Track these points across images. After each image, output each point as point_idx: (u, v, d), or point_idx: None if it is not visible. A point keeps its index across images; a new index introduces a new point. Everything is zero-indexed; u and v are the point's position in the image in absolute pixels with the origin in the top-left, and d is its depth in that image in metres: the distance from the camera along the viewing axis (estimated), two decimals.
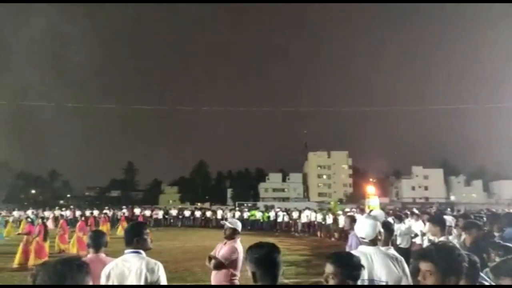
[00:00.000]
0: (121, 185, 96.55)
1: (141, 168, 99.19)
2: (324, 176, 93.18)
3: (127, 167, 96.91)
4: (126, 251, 3.02)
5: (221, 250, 4.51)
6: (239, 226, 4.67)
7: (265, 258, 1.96)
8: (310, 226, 24.45)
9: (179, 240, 18.80)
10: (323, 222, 22.83)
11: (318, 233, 23.13)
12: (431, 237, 5.90)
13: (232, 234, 4.56)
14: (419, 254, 2.04)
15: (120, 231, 20.10)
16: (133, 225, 3.23)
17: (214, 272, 4.43)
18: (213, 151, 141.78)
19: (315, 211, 26.02)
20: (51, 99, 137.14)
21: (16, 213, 30.99)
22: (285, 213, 27.90)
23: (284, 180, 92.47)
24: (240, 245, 4.51)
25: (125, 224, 23.66)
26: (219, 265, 4.35)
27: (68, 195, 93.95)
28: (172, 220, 31.14)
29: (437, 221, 4.76)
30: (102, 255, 3.59)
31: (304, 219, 24.97)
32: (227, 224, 4.67)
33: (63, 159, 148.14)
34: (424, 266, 1.92)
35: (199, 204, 69.69)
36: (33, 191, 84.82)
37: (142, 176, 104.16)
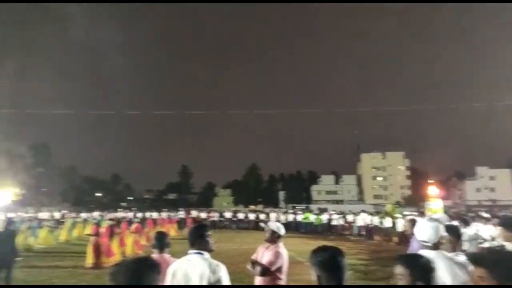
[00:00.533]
0: (177, 188, 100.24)
1: (195, 172, 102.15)
2: (379, 178, 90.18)
3: (182, 170, 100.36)
4: (190, 251, 3.12)
5: (264, 255, 4.36)
6: (281, 229, 4.48)
7: (329, 262, 1.94)
8: (366, 230, 23.73)
9: (234, 242, 19.09)
10: (381, 226, 22.07)
11: (376, 237, 22.39)
12: (504, 243, 5.45)
13: (274, 238, 4.40)
14: (472, 259, 1.92)
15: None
16: (196, 227, 3.34)
17: (259, 278, 4.28)
18: (265, 153, 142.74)
19: (371, 214, 25.24)
20: (111, 107, 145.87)
21: (83, 215, 33.26)
22: (340, 216, 27.35)
23: (337, 182, 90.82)
24: (284, 249, 4.38)
25: (175, 226, 24.45)
26: (265, 272, 4.19)
27: (129, 198, 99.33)
28: (226, 222, 31.75)
29: (510, 225, 4.37)
30: (166, 255, 3.75)
31: (360, 222, 24.29)
32: (269, 228, 4.48)
33: (124, 164, 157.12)
34: (477, 272, 1.81)
35: (252, 206, 70.44)
36: (98, 194, 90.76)
37: (196, 179, 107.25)
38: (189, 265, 3.04)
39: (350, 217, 26.23)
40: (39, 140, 66.46)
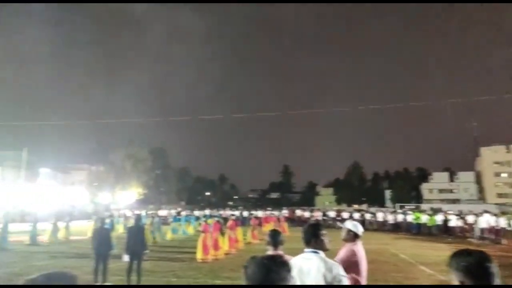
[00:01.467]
0: (280, 187, 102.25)
1: (297, 171, 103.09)
2: (504, 174, 79.31)
3: (284, 170, 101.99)
4: (306, 250, 3.12)
5: (338, 254, 4.19)
6: (358, 228, 4.27)
7: (476, 267, 1.74)
8: (491, 232, 21.10)
9: (339, 242, 18.65)
10: (509, 228, 19.43)
11: (504, 240, 19.77)
12: None
13: (351, 237, 4.21)
14: None
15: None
16: (310, 225, 3.33)
17: None
18: (368, 151, 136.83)
19: (495, 215, 22.39)
20: (219, 112, 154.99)
21: (196, 213, 35.98)
22: (457, 216, 24.83)
23: (451, 179, 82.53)
24: (360, 248, 4.15)
25: (285, 225, 24.83)
26: None
27: (235, 197, 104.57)
28: (330, 222, 31.27)
29: None
30: (280, 252, 3.81)
31: (483, 224, 21.69)
32: (346, 227, 4.31)
33: (230, 165, 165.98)
34: None
35: (355, 205, 68.18)
36: (207, 193, 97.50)
37: (297, 179, 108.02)
38: (305, 263, 3.05)
39: (470, 218, 23.65)
40: (157, 145, 74.06)
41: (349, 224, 4.37)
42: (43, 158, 42.75)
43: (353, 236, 4.23)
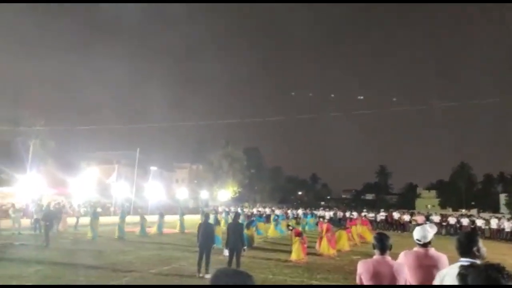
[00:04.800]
0: (375, 188, 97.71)
1: (394, 172, 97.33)
2: None
3: (380, 170, 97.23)
4: (461, 259, 2.89)
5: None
6: (425, 234, 3.90)
7: None
8: None
9: (448, 250, 17.09)
10: None
11: None
12: None
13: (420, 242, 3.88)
14: None
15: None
16: (469, 234, 3.10)
17: None
18: (477, 150, 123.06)
19: None
20: (301, 111, 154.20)
21: (289, 212, 36.22)
22: None
23: None
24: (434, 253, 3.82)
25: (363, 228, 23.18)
26: None
27: (328, 197, 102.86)
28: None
29: None
30: (388, 257, 3.61)
31: None
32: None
33: (322, 164, 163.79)
34: None
35: (463, 210, 61.89)
36: (299, 193, 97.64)
37: (395, 180, 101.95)
38: None
39: None
40: (252, 145, 76.59)
41: (416, 231, 4.03)
42: (152, 157, 47.25)
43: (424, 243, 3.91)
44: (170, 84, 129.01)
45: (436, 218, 29.56)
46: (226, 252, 9.41)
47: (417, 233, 3.92)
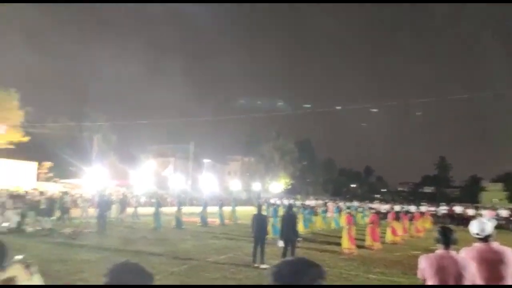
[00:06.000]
0: (434, 181, 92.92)
1: (455, 164, 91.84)
2: None
3: (439, 162, 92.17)
4: None
5: None
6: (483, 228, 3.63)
7: None
8: None
9: None
10: None
11: None
12: None
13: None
14: None
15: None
16: None
17: None
18: None
19: None
20: (356, 101, 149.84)
21: (342, 204, 35.62)
22: None
23: None
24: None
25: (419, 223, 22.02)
26: None
27: (383, 190, 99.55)
28: (502, 222, 26.83)
29: None
30: (453, 252, 3.43)
31: None
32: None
33: (376, 156, 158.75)
34: None
35: None
36: (353, 185, 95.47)
37: (457, 172, 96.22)
38: None
39: None
40: (304, 137, 76.04)
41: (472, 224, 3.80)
42: (205, 150, 48.66)
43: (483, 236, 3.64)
44: (220, 79, 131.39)
45: (505, 213, 27.55)
46: (280, 243, 9.48)
47: (474, 227, 3.68)
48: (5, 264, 1.73)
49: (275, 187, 59.81)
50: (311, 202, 37.56)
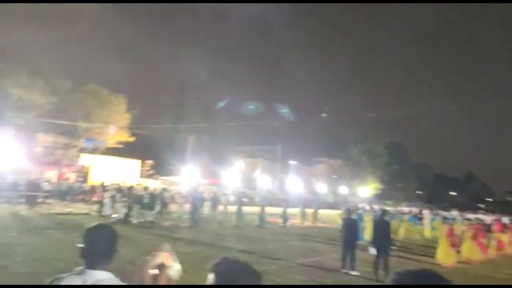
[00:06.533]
0: None
1: None
2: None
3: None
4: None
5: None
6: None
7: None
8: None
9: None
10: None
11: None
12: None
13: None
14: None
15: None
16: None
17: None
18: None
19: None
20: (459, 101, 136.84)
21: (441, 213, 32.85)
22: None
23: None
24: None
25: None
26: None
27: (488, 199, 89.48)
28: None
29: None
30: None
31: None
32: None
33: (480, 162, 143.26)
34: None
35: None
36: (452, 193, 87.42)
37: None
38: None
39: None
40: (394, 140, 72.03)
41: None
42: (292, 152, 48.85)
43: None
44: (306, 79, 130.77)
45: None
46: (372, 251, 9.10)
47: None
48: (116, 249, 1.95)
49: (363, 191, 57.58)
50: (403, 208, 35.41)
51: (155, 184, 30.03)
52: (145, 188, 19.54)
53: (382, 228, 9.33)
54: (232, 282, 1.36)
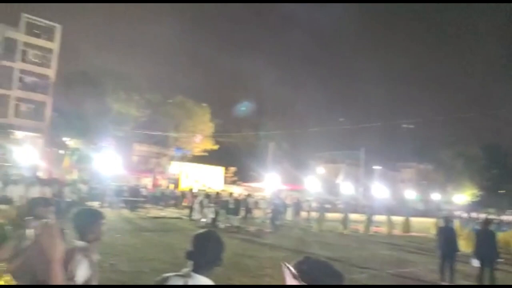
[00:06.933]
0: None
1: None
2: None
3: None
4: None
5: None
6: None
7: None
8: None
9: None
10: None
11: None
12: None
13: None
14: None
15: None
16: None
17: None
18: None
19: None
20: None
21: None
22: None
23: None
24: None
25: None
26: None
27: None
28: None
29: None
30: None
31: None
32: None
33: None
34: None
35: None
36: None
37: None
38: None
39: None
40: (492, 141, 64.95)
41: None
42: (376, 157, 46.72)
43: None
44: (393, 80, 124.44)
45: None
46: (475, 263, 8.24)
47: None
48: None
49: (459, 198, 52.74)
50: (509, 217, 31.63)
51: (238, 190, 30.96)
52: (230, 194, 20.22)
53: (486, 238, 8.43)
54: (313, 282, 1.35)
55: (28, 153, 28.14)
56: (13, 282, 2.04)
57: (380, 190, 39.31)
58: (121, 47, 77.03)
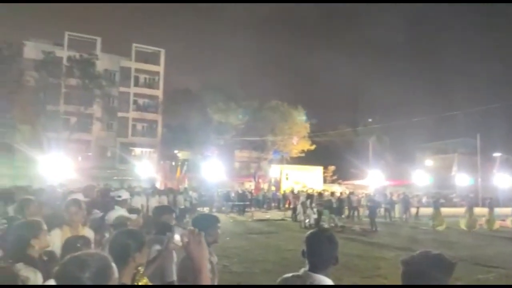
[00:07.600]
0: None
1: None
2: None
3: None
4: None
5: None
6: None
7: None
8: None
9: None
10: None
11: None
12: None
13: None
14: None
15: None
16: None
17: None
18: None
19: None
20: None
21: None
22: None
23: None
24: None
25: None
26: None
27: None
28: None
29: None
30: None
31: None
32: None
33: None
34: None
35: None
36: None
37: None
38: None
39: None
40: None
41: None
42: (495, 143, 41.33)
43: None
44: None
45: None
46: None
47: None
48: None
49: None
50: None
51: (339, 189, 30.31)
52: (332, 194, 19.93)
53: None
54: (421, 274, 1.38)
55: (146, 167, 31.62)
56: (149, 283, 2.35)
57: (502, 180, 34.62)
58: (212, 62, 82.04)
